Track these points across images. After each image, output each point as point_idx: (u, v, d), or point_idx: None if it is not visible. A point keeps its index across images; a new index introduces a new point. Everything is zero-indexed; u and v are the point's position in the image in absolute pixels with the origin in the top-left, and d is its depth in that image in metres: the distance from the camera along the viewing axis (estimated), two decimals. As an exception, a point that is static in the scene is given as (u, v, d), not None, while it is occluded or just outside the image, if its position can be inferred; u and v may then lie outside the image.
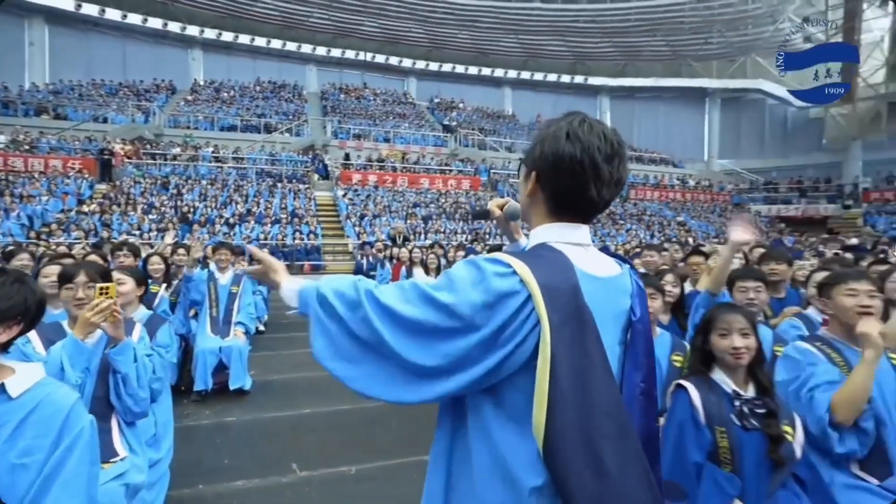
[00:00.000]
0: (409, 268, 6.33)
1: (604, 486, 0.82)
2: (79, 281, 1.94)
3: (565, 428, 0.81)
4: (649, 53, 32.13)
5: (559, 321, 0.82)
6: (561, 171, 0.92)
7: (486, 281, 0.83)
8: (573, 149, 0.90)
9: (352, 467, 2.89)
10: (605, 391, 0.85)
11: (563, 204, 0.95)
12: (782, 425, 1.52)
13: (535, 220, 1.01)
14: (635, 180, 24.76)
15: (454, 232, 15.30)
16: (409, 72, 31.90)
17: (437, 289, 0.85)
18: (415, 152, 22.90)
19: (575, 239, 0.95)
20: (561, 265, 0.88)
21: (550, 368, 0.81)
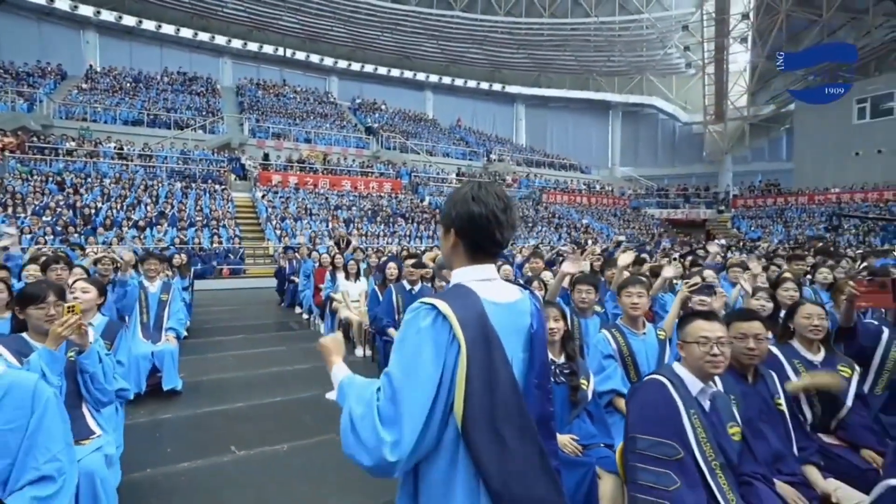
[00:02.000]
0: (332, 273, 6.82)
1: (506, 456, 1.11)
2: (49, 301, 2.33)
3: (475, 415, 1.10)
4: (560, 66, 34.63)
5: (471, 338, 1.11)
6: (474, 226, 1.20)
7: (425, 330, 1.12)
8: (480, 208, 1.19)
9: (284, 445, 3.42)
10: (505, 387, 1.14)
11: (478, 250, 1.23)
12: (581, 380, 2.37)
13: (455, 265, 1.27)
14: (547, 185, 26.74)
15: (375, 235, 15.78)
16: (331, 70, 31.66)
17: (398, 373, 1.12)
18: (336, 153, 22.97)
19: (483, 276, 1.22)
20: (470, 297, 1.16)
21: (466, 372, 1.11)
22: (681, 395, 1.78)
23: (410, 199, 20.67)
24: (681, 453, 1.69)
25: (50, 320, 2.28)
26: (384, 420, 1.07)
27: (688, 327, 1.89)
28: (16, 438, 1.60)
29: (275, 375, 5.13)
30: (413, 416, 1.07)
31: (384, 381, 1.13)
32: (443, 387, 1.11)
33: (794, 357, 2.50)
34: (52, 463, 1.60)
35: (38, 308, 2.30)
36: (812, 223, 20.68)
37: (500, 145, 31.49)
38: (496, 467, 1.10)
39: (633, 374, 2.69)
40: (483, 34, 31.66)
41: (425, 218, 18.57)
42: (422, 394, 1.09)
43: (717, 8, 27.51)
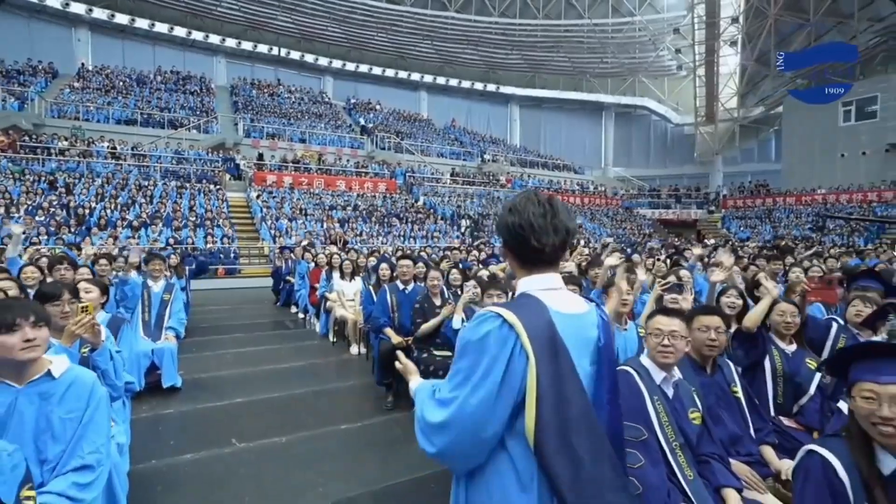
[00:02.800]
0: (328, 272, 6.97)
1: (579, 472, 1.09)
2: (64, 299, 2.49)
3: (548, 429, 1.08)
4: (554, 67, 34.91)
5: (539, 349, 1.10)
6: (512, 236, 1.21)
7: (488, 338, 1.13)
8: (514, 218, 1.20)
9: (283, 437, 3.58)
10: (576, 400, 1.12)
11: (525, 259, 1.22)
12: None
13: (518, 275, 1.27)
14: (540, 185, 26.97)
15: (370, 234, 15.93)
16: (326, 70, 31.74)
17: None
18: (331, 153, 23.08)
19: (546, 285, 1.21)
20: (537, 307, 1.15)
21: (536, 385, 1.09)
22: (645, 384, 1.98)
23: (405, 200, 20.82)
24: (645, 435, 1.87)
25: (65, 317, 2.44)
26: (430, 423, 1.18)
27: (650, 321, 2.09)
28: (72, 427, 1.76)
29: (272, 373, 5.28)
30: (459, 424, 1.12)
31: (439, 385, 1.21)
32: (502, 398, 1.11)
33: (773, 346, 2.73)
34: (94, 454, 1.77)
35: (55, 305, 2.46)
36: (799, 223, 21.05)
37: (495, 146, 31.72)
38: (570, 483, 1.08)
39: (614, 367, 2.89)
40: (477, 35, 31.86)
41: (419, 218, 18.74)
42: (475, 401, 1.10)
43: (707, 11, 27.88)
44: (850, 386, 1.43)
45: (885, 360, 1.35)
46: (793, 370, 2.64)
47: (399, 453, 3.39)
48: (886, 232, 17.35)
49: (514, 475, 1.14)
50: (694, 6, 28.23)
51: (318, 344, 6.66)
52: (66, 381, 1.82)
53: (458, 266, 5.31)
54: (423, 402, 1.24)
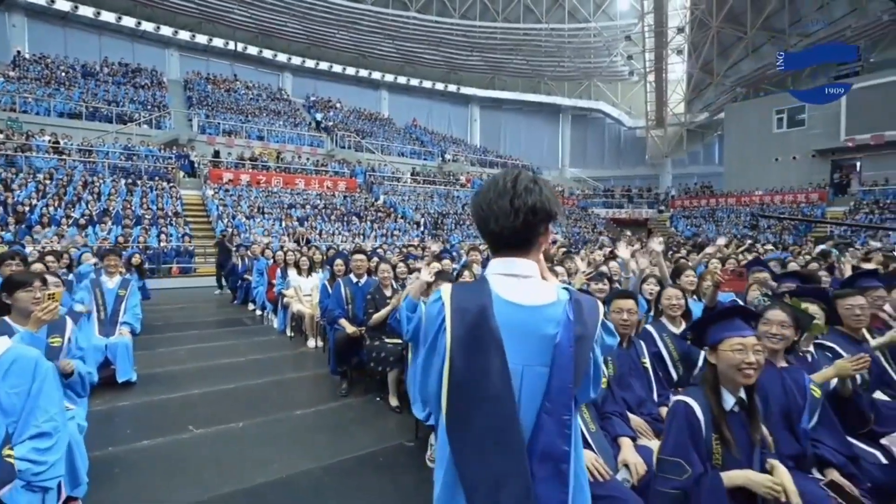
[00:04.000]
0: (283, 269, 7.09)
1: (481, 469, 1.06)
2: (35, 285, 2.62)
3: (454, 413, 1.10)
4: (513, 70, 35.67)
5: (458, 330, 1.10)
6: (476, 220, 1.20)
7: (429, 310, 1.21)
8: (476, 200, 1.20)
9: (239, 423, 3.75)
10: (493, 396, 1.07)
11: (489, 242, 1.20)
12: None
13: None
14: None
15: (329, 233, 15.95)
16: (285, 67, 31.22)
17: None
18: (290, 151, 22.81)
19: (505, 270, 1.16)
20: (478, 290, 1.13)
21: (449, 365, 1.10)
22: None
23: (365, 199, 20.87)
24: None
25: (36, 303, 2.57)
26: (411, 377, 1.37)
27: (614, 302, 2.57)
28: (20, 401, 1.92)
29: (229, 366, 5.39)
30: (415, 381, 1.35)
31: None
32: (432, 367, 1.17)
33: (663, 331, 3.13)
34: (49, 422, 1.94)
35: (27, 291, 2.58)
36: (738, 223, 22.53)
37: (455, 146, 32.13)
38: (469, 475, 1.07)
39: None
40: (438, 36, 32.16)
41: (379, 216, 18.87)
42: (419, 361, 1.23)
43: (655, 20, 29.28)
44: (715, 344, 1.82)
45: (741, 320, 1.76)
46: (684, 349, 3.02)
47: (351, 434, 3.64)
48: (813, 230, 18.88)
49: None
50: (644, 15, 29.58)
51: (276, 339, 6.78)
52: (8, 359, 1.98)
53: (405, 260, 5.59)
54: None
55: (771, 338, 2.12)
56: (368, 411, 4.10)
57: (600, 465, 2.04)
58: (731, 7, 25.94)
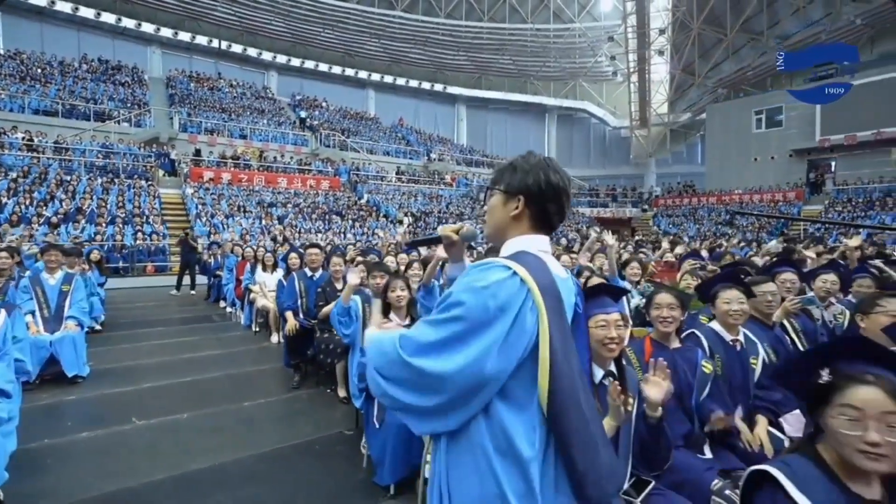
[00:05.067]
0: (252, 265, 7.09)
1: (588, 433, 1.05)
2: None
3: (563, 390, 1.02)
4: (499, 69, 35.82)
5: (549, 306, 1.05)
6: (551, 195, 1.14)
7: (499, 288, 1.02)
8: (559, 179, 1.16)
9: (184, 414, 3.78)
10: (575, 361, 1.09)
11: (545, 219, 1.17)
12: None
13: (513, 233, 1.18)
14: (485, 184, 27.67)
15: (307, 231, 15.91)
16: (270, 65, 31.08)
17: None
18: (273, 150, 22.72)
19: (544, 247, 1.16)
20: (542, 265, 1.09)
21: (550, 343, 1.03)
22: None
23: (348, 197, 20.85)
24: None
25: None
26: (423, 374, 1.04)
27: None
28: None
29: (188, 361, 5.39)
30: (461, 380, 1.01)
31: (421, 336, 1.06)
32: (505, 355, 1.02)
33: None
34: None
35: None
36: (718, 221, 22.85)
37: (441, 145, 32.19)
38: (580, 446, 1.03)
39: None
40: (424, 35, 32.21)
41: (361, 215, 18.87)
42: (476, 353, 1.00)
43: (638, 22, 29.58)
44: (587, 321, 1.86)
45: (609, 297, 1.81)
46: None
47: (293, 424, 3.68)
48: (789, 227, 19.21)
49: (500, 441, 1.03)
50: (626, 16, 29.85)
51: (241, 334, 6.78)
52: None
53: (364, 254, 5.64)
54: (402, 349, 1.06)
55: (662, 321, 2.19)
56: (316, 402, 4.14)
57: None
58: (711, 9, 26.29)
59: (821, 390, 1.16)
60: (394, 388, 1.08)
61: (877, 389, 1.08)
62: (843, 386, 1.11)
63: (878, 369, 1.12)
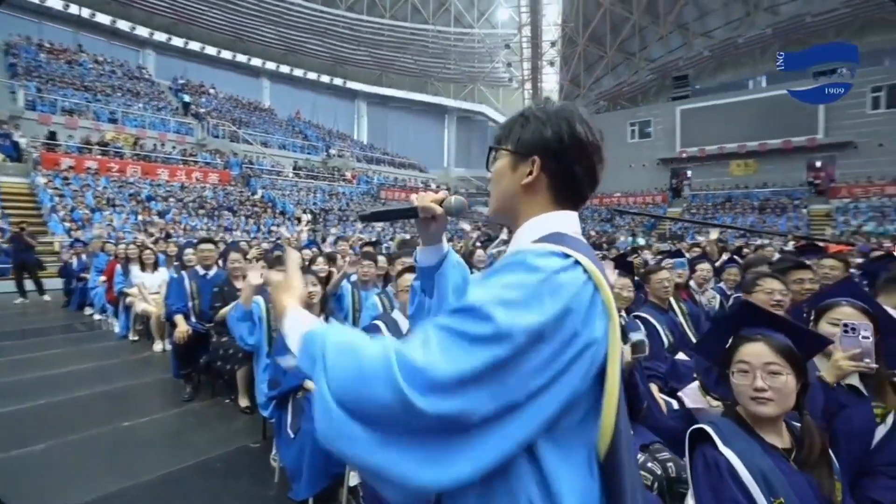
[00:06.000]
0: (124, 265, 6.22)
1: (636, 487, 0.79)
2: None
3: (624, 431, 0.75)
4: (401, 68, 35.81)
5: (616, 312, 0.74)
6: (577, 153, 0.82)
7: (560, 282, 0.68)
8: (587, 130, 0.83)
9: (40, 445, 3.18)
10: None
11: (572, 188, 0.84)
12: None
13: (529, 209, 0.85)
14: (386, 181, 27.52)
15: (195, 228, 14.49)
16: (146, 43, 27.71)
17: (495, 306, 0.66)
18: (151, 138, 20.30)
19: (576, 228, 0.85)
20: (592, 253, 0.78)
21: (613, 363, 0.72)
22: (392, 333, 2.34)
23: (240, 192, 19.38)
24: None
25: None
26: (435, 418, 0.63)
27: (399, 279, 2.47)
28: None
29: (43, 379, 4.56)
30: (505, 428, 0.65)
31: (437, 331, 0.67)
32: (570, 380, 0.68)
33: None
34: None
35: None
36: (600, 219, 25.25)
37: (341, 141, 31.33)
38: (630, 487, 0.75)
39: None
40: (324, 26, 31.06)
41: (255, 211, 17.65)
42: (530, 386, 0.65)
43: (532, 33, 31.50)
44: None
45: None
46: None
47: (187, 442, 3.29)
48: (657, 227, 21.90)
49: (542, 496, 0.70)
50: (521, 27, 31.61)
51: (115, 345, 5.93)
52: None
53: (272, 252, 5.26)
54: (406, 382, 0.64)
55: None
56: (213, 415, 3.75)
57: None
58: (594, 29, 28.90)
59: (727, 354, 1.35)
60: (384, 447, 0.64)
61: (762, 345, 1.28)
62: (738, 346, 1.31)
63: (767, 330, 1.32)
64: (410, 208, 1.04)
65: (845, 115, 21.52)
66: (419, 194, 1.06)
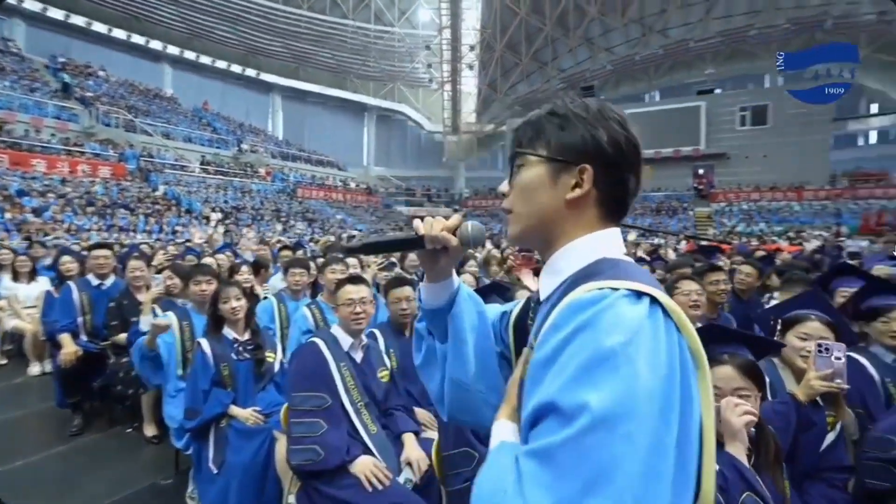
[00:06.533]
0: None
1: None
2: None
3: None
4: (319, 62, 34.50)
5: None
6: (633, 161, 0.72)
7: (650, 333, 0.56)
8: (625, 133, 0.72)
9: None
10: None
11: (621, 202, 0.73)
12: (266, 353, 2.58)
13: (572, 230, 0.72)
14: (303, 179, 26.42)
15: (83, 228, 12.78)
16: (13, 11, 23.95)
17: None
18: (22, 123, 17.59)
19: (623, 250, 0.73)
20: (657, 283, 0.66)
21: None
22: (332, 352, 2.10)
23: (139, 188, 17.47)
24: (329, 402, 1.99)
25: None
26: None
27: (339, 292, 2.22)
28: None
29: None
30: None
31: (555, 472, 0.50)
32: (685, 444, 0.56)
33: None
34: None
35: None
36: (517, 222, 26.30)
37: (254, 136, 29.51)
38: None
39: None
40: (235, 13, 29.06)
41: (157, 209, 16.01)
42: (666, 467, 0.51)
43: (452, 36, 31.92)
44: None
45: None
46: None
47: (82, 484, 2.81)
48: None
49: None
50: (442, 29, 31.89)
51: (-22, 369, 4.99)
52: None
53: (182, 257, 4.71)
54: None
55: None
56: (111, 450, 3.24)
57: (378, 471, 1.92)
58: (510, 37, 29.98)
59: None
60: None
61: (729, 367, 1.28)
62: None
63: (729, 347, 1.33)
64: (415, 239, 0.83)
65: (721, 129, 24.66)
66: (425, 220, 0.83)
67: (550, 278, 0.72)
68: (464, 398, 0.86)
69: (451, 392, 0.88)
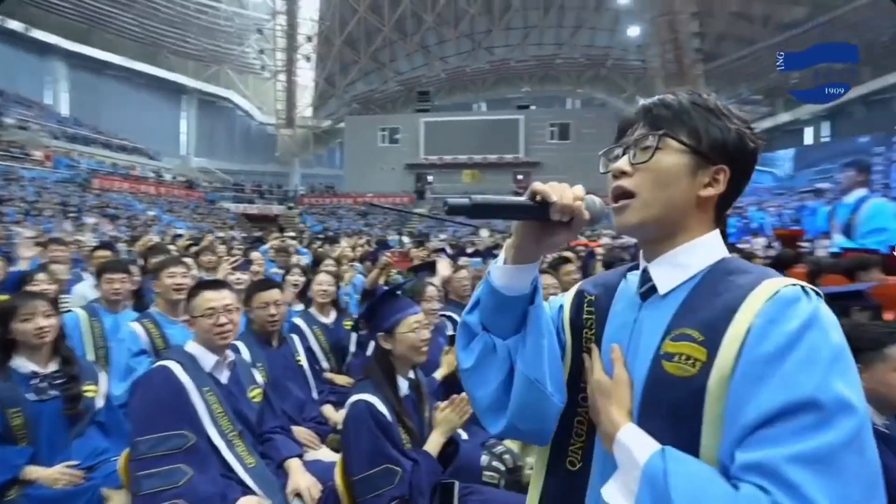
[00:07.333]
0: None
1: None
2: None
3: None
4: (120, 28, 29.09)
5: None
6: (751, 173, 0.73)
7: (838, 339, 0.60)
8: (745, 129, 0.72)
9: None
10: None
11: (727, 207, 0.75)
12: (85, 386, 1.97)
13: (696, 227, 0.72)
14: (100, 168, 22.16)
15: None
16: None
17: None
18: None
19: None
20: None
21: None
22: (192, 376, 1.75)
23: None
24: (192, 439, 1.64)
25: None
26: None
27: (194, 301, 1.84)
28: None
29: None
30: None
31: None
32: None
33: (313, 322, 3.01)
34: None
35: None
36: (354, 219, 26.34)
37: (25, 108, 23.58)
38: None
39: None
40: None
41: None
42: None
43: (288, 23, 30.20)
44: (392, 328, 1.73)
45: (408, 298, 1.84)
46: (335, 338, 3.01)
47: None
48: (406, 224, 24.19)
49: None
50: (276, 14, 29.90)
51: None
52: None
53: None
54: None
55: (433, 314, 2.42)
56: None
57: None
58: (350, 33, 29.77)
59: None
60: None
61: None
62: None
63: None
64: (537, 206, 0.71)
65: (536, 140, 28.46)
66: (551, 185, 0.72)
67: (673, 271, 0.71)
68: (538, 402, 0.75)
69: (524, 395, 0.75)
